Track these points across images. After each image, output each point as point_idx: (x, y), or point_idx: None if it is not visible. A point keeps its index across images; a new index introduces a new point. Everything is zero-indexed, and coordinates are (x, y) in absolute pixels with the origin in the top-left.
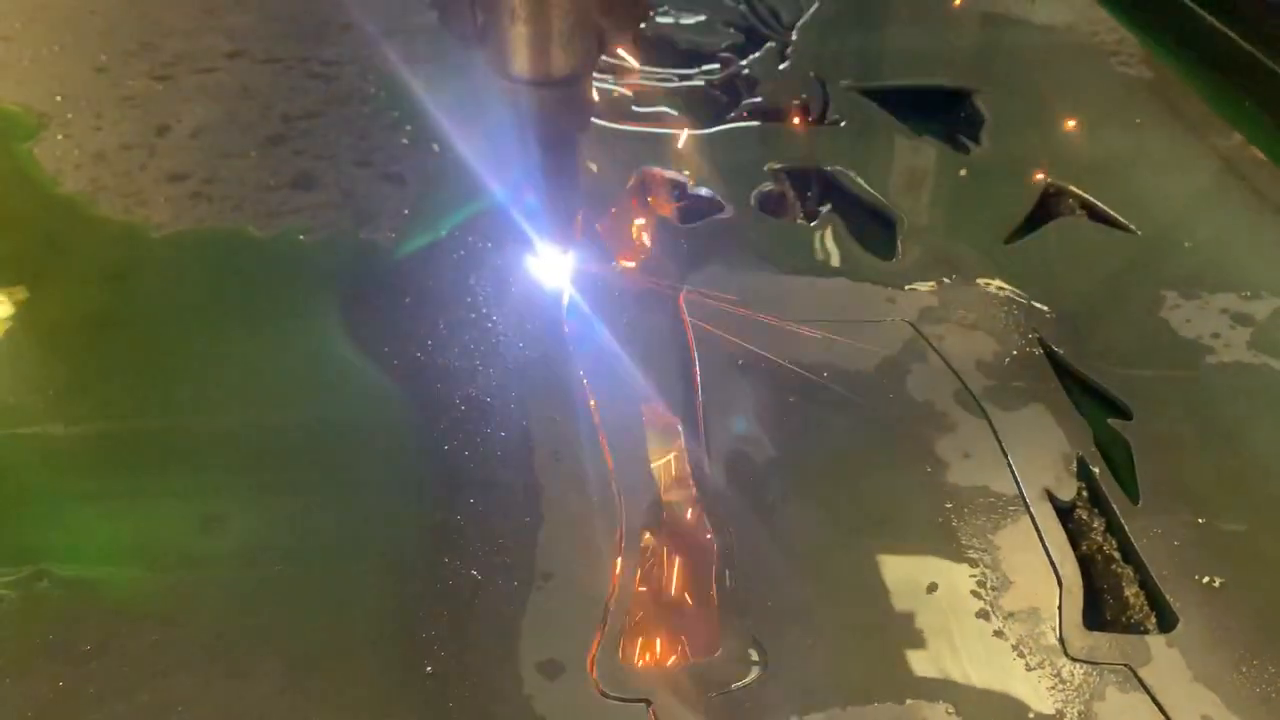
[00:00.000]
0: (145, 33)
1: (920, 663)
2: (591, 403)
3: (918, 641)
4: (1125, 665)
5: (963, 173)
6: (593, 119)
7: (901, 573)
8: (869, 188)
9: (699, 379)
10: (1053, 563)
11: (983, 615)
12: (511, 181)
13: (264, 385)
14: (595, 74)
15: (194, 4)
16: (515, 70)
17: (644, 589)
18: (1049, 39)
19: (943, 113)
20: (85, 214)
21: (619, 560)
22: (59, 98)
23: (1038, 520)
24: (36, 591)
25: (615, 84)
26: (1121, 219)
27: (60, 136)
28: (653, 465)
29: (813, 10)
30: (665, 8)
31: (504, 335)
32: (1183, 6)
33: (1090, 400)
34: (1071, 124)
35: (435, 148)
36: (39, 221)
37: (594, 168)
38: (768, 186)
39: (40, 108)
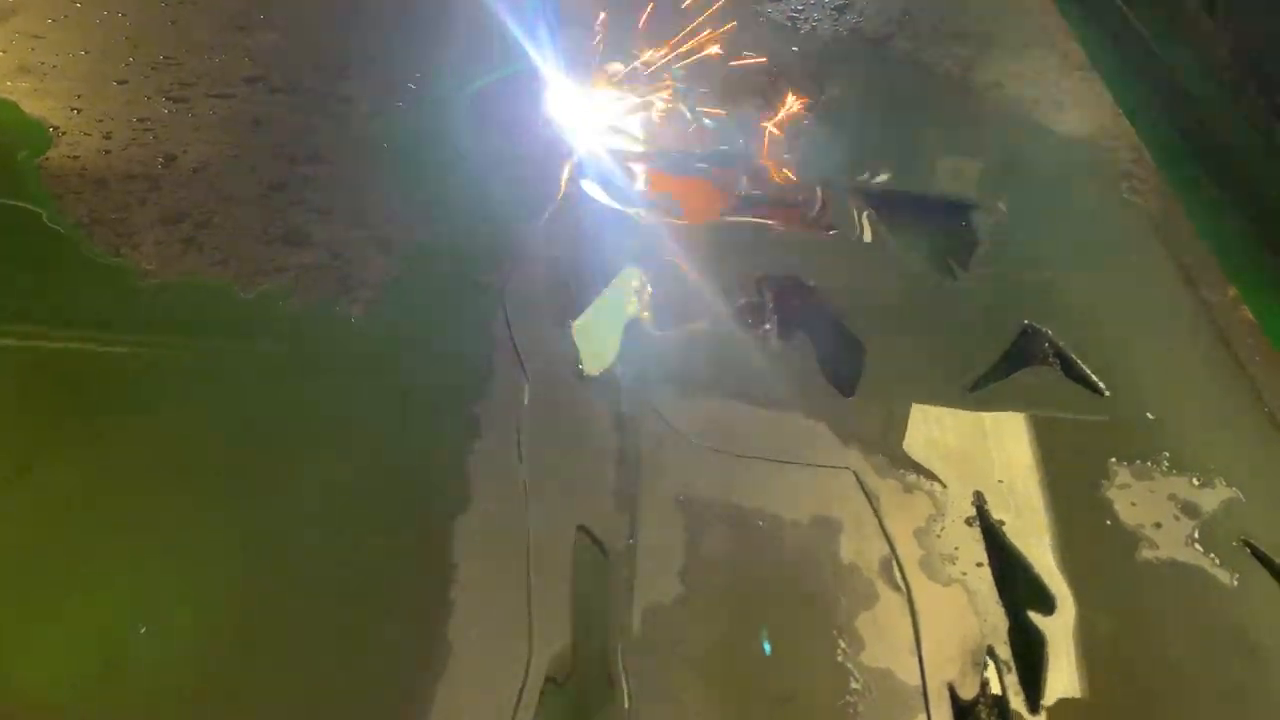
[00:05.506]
0: (171, 44)
1: None
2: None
3: None
4: None
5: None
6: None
7: None
8: (845, 310)
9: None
10: None
11: None
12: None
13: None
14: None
15: (224, 17)
16: None
17: None
18: (1065, 154)
19: (941, 223)
20: (75, 251)
21: None
22: (75, 111)
23: (933, 717)
24: None
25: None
26: (1093, 377)
27: (69, 156)
28: None
29: (828, 96)
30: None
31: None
32: (1207, 132)
33: (1018, 583)
34: (1064, 259)
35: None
36: (28, 254)
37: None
38: (748, 296)
39: (55, 119)
